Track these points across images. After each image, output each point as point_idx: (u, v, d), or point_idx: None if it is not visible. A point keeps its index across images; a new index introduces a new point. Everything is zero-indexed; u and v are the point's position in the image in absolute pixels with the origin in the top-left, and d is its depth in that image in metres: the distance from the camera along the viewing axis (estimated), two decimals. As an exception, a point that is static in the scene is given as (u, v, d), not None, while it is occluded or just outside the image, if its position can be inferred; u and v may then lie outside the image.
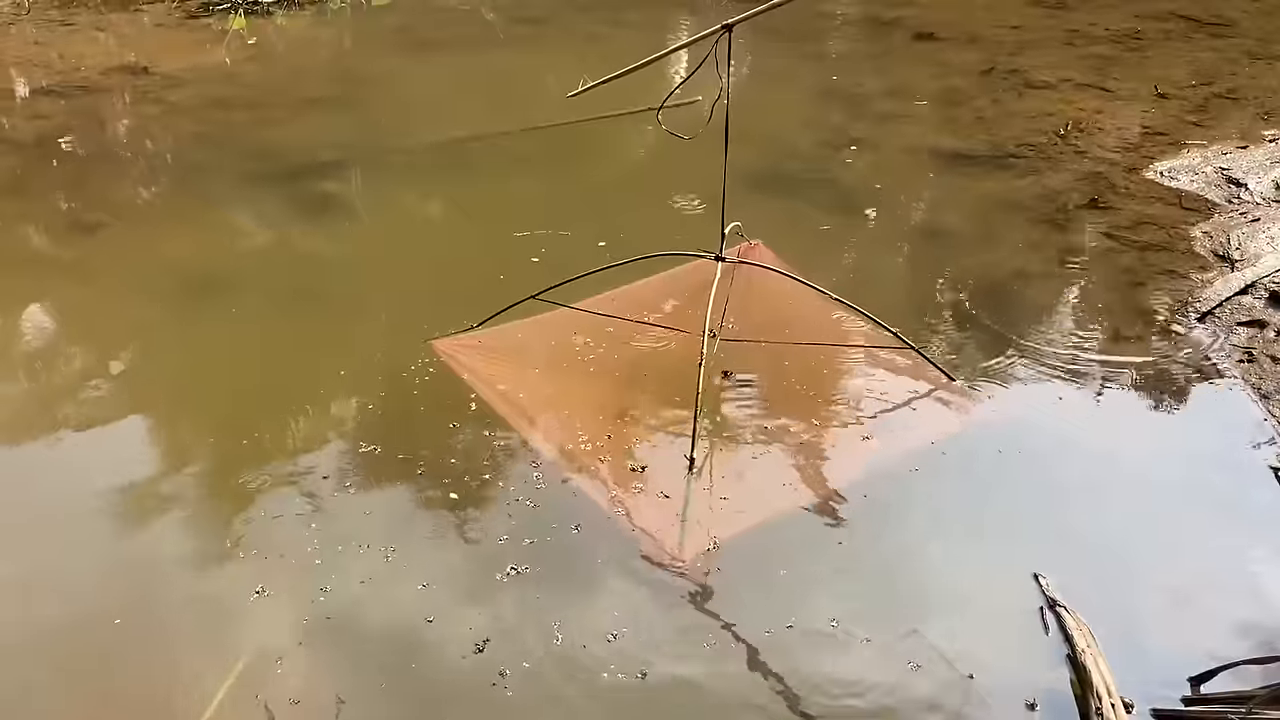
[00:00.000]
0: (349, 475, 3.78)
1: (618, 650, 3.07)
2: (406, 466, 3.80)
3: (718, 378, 4.23)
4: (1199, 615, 3.23)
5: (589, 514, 3.57)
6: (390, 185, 6.35)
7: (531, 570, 3.34)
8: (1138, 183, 6.10)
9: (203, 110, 7.39)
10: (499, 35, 9.53)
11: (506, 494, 3.67)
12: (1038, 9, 9.83)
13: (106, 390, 4.35)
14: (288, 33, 9.50)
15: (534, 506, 3.61)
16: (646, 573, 3.34)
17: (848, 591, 3.29)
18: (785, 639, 3.11)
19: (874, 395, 4.17)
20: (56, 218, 5.86)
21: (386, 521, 3.57)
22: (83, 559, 3.46)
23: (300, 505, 3.63)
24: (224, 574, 3.37)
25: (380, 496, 3.70)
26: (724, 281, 4.19)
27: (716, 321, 4.31)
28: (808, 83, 7.99)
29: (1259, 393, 4.21)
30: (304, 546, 3.44)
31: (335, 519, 3.58)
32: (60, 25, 9.41)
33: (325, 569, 3.35)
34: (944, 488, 3.73)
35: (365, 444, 3.93)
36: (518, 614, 3.19)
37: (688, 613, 3.21)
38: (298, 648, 3.08)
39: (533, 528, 3.51)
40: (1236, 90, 7.57)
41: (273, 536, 3.50)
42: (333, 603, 3.23)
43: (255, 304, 4.93)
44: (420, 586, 3.29)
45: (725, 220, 4.15)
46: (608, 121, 6.98)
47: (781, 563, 3.37)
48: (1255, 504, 3.67)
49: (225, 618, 3.20)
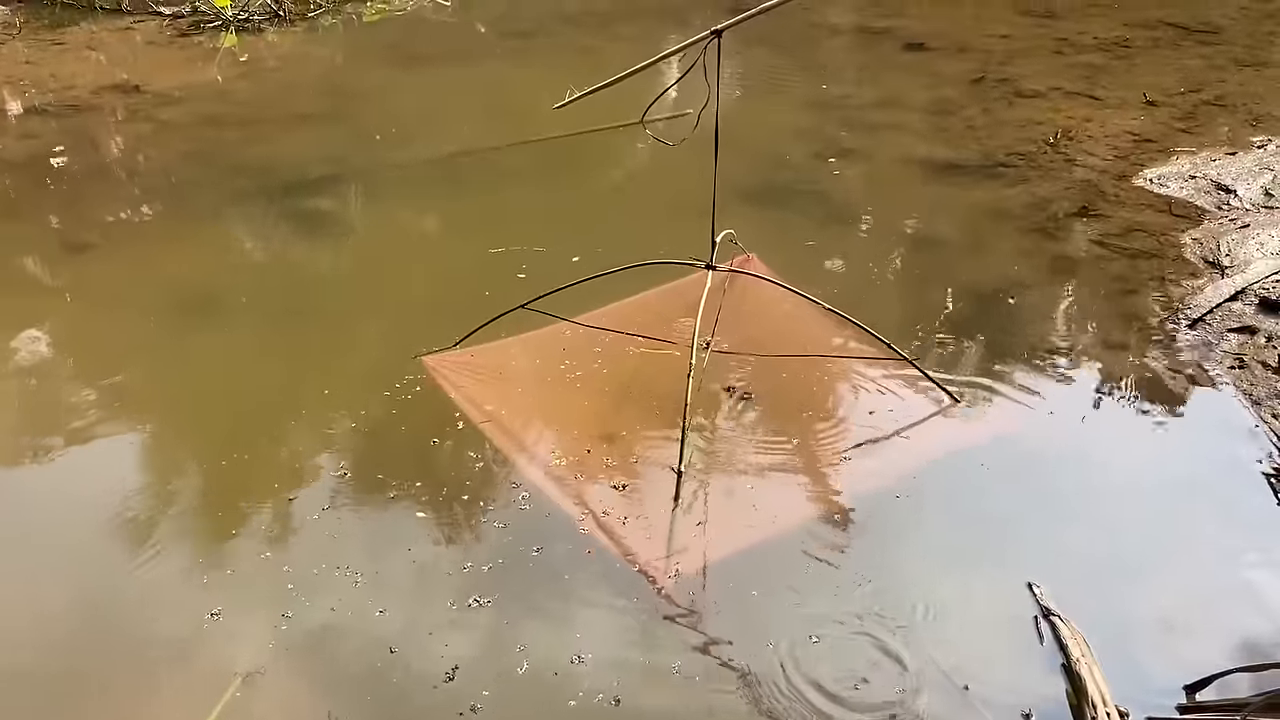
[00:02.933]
0: (327, 497, 3.74)
1: (592, 677, 3.02)
2: (385, 488, 3.77)
3: (721, 395, 4.21)
4: (1193, 623, 3.23)
5: (567, 536, 3.52)
6: (382, 201, 6.35)
7: (504, 595, 3.28)
8: (1128, 190, 6.12)
9: (195, 128, 7.40)
10: (490, 49, 9.56)
11: (485, 516, 3.63)
12: (1027, 18, 9.88)
13: (92, 411, 4.33)
14: (279, 49, 9.52)
15: (512, 529, 3.56)
16: (624, 598, 3.29)
17: (841, 605, 3.28)
18: (773, 657, 3.08)
19: (869, 410, 4.15)
20: (48, 237, 5.85)
21: (361, 545, 3.52)
22: (52, 582, 3.44)
23: (274, 528, 3.60)
24: (183, 598, 3.31)
25: (356, 519, 3.66)
26: (717, 294, 4.19)
27: (708, 332, 4.31)
28: (798, 93, 8.02)
29: (1251, 399, 4.22)
30: (273, 570, 3.41)
31: (308, 542, 3.54)
32: (52, 44, 9.42)
33: (294, 594, 3.30)
34: (937, 497, 3.73)
35: (347, 464, 3.91)
36: (490, 640, 3.13)
37: (668, 637, 3.17)
38: (259, 677, 3.02)
39: (509, 551, 3.47)
40: (1224, 97, 7.61)
41: (241, 559, 3.47)
42: (297, 629, 3.17)
43: (245, 322, 4.93)
44: (389, 613, 3.23)
45: (716, 229, 4.15)
46: (599, 135, 6.99)
47: (770, 580, 3.35)
48: (1249, 511, 3.67)
49: (181, 644, 3.14)
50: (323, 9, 10.42)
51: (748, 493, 3.75)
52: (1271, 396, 4.20)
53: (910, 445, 3.98)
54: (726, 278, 4.63)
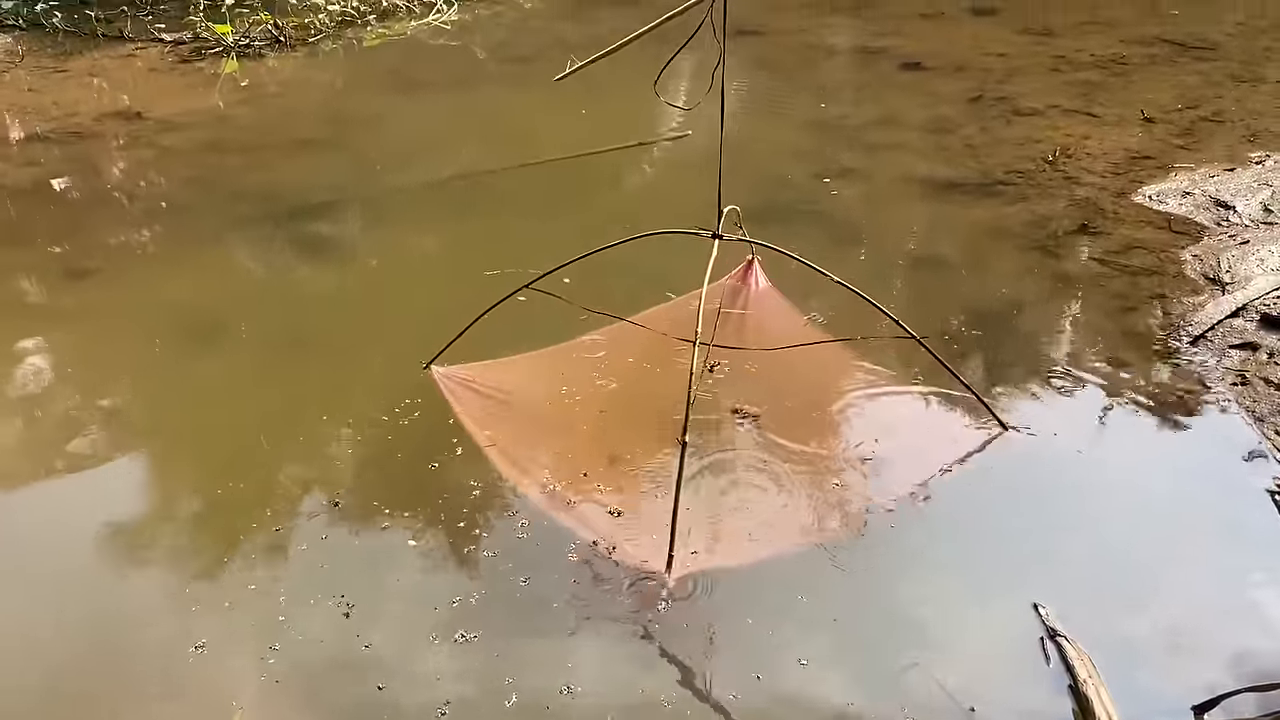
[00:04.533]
0: (322, 525, 3.74)
1: (582, 709, 2.99)
2: (381, 516, 3.76)
3: (730, 418, 4.20)
4: (1200, 643, 3.21)
5: (558, 565, 3.49)
6: (382, 226, 6.38)
7: (494, 626, 3.25)
8: (1127, 207, 6.13)
9: (196, 154, 7.44)
10: (490, 74, 9.60)
11: (479, 545, 3.61)
12: (1024, 36, 9.93)
13: (89, 438, 4.34)
14: (280, 75, 9.57)
15: (505, 558, 3.54)
16: (615, 627, 3.27)
17: (846, 626, 3.28)
18: (768, 686, 3.07)
19: (873, 434, 4.12)
20: (50, 263, 5.87)
21: (354, 574, 3.50)
22: (43, 608, 3.45)
23: (267, 556, 3.60)
24: (171, 627, 3.29)
25: (350, 548, 3.64)
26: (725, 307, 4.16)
27: (711, 320, 4.24)
28: (798, 114, 8.05)
29: (1253, 416, 4.21)
30: (264, 599, 3.39)
31: (301, 571, 3.53)
32: (54, 72, 9.49)
33: (283, 625, 3.28)
34: (940, 518, 3.72)
35: (344, 492, 3.90)
36: (479, 674, 3.10)
37: (660, 667, 3.14)
38: (244, 711, 2.99)
39: (500, 580, 3.44)
40: (1222, 113, 7.63)
41: (231, 588, 3.46)
42: (284, 662, 3.15)
43: (245, 348, 4.96)
44: (379, 645, 3.20)
45: (721, 202, 4.10)
46: (599, 157, 7.02)
47: (768, 606, 3.33)
48: (1253, 528, 3.66)
49: (165, 675, 3.12)
50: (323, 34, 10.48)
51: (745, 517, 3.73)
52: (1274, 413, 4.19)
53: (914, 466, 3.97)
54: (730, 290, 4.62)
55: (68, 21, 10.48)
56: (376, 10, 11.21)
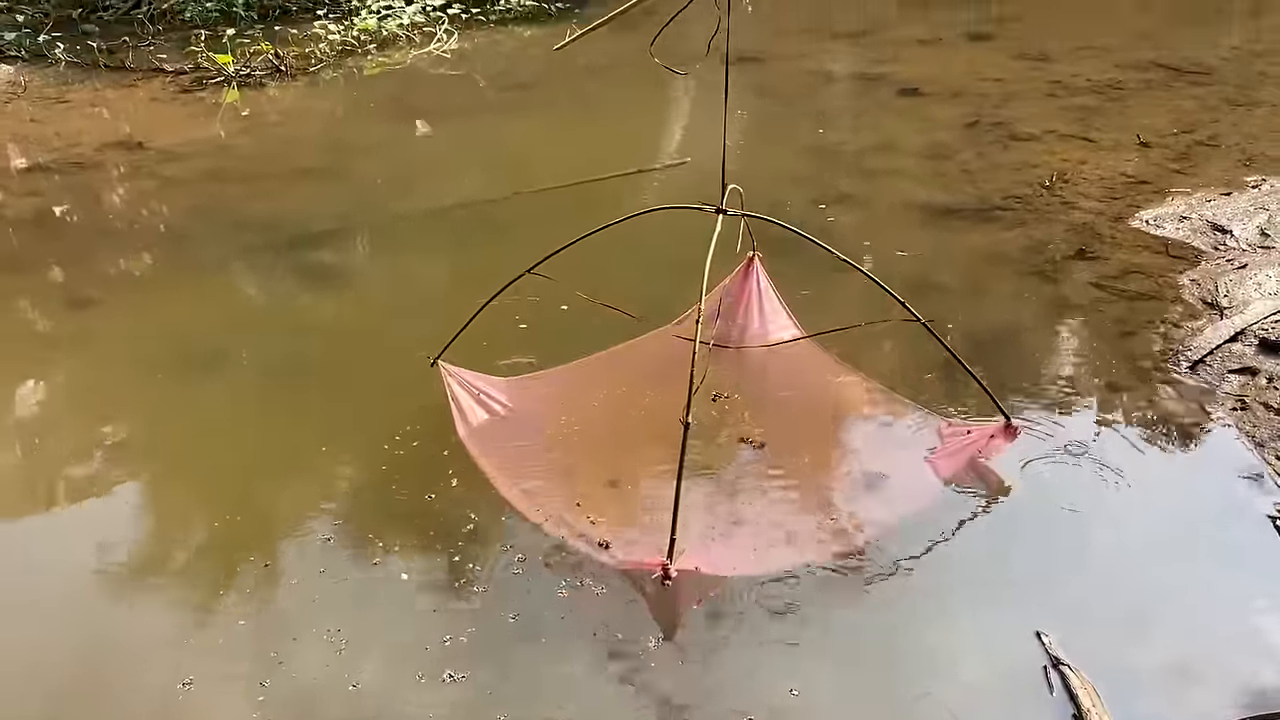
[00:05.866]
0: (318, 559, 3.71)
1: None
2: (376, 550, 3.74)
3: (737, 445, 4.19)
4: (1204, 671, 3.19)
5: (550, 601, 3.46)
6: (383, 254, 6.41)
7: (485, 663, 3.23)
8: (1124, 232, 6.15)
9: (197, 183, 7.48)
10: (490, 102, 9.66)
11: (474, 579, 3.58)
12: (1020, 62, 9.99)
13: (87, 470, 4.36)
14: (281, 104, 9.63)
15: (497, 594, 3.51)
16: (604, 663, 3.24)
17: (847, 657, 3.27)
18: (773, 713, 3.05)
19: (877, 463, 4.12)
20: (51, 292, 5.89)
21: (348, 610, 3.47)
22: (36, 640, 3.45)
23: (262, 591, 3.58)
24: (161, 662, 3.28)
25: (345, 582, 3.61)
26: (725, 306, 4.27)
27: (712, 311, 4.27)
28: (796, 139, 8.09)
29: (1254, 441, 4.21)
30: (257, 634, 3.38)
31: (296, 606, 3.51)
32: (57, 102, 9.55)
33: (275, 661, 3.26)
34: (940, 545, 3.71)
35: (341, 525, 3.89)
36: (471, 711, 3.07)
37: (648, 705, 3.11)
38: None
39: (491, 617, 3.41)
40: (1218, 137, 7.67)
41: (224, 623, 3.44)
42: (274, 702, 3.12)
43: (245, 378, 4.97)
44: (369, 683, 3.17)
45: (725, 180, 4.10)
46: (598, 185, 7.05)
47: (763, 638, 3.31)
48: (1255, 555, 3.65)
49: (151, 713, 3.10)
50: (324, 63, 10.56)
51: (748, 533, 3.73)
52: (1275, 438, 4.19)
53: (914, 494, 3.97)
54: (730, 290, 4.63)
55: (70, 52, 10.55)
56: (377, 39, 11.29)
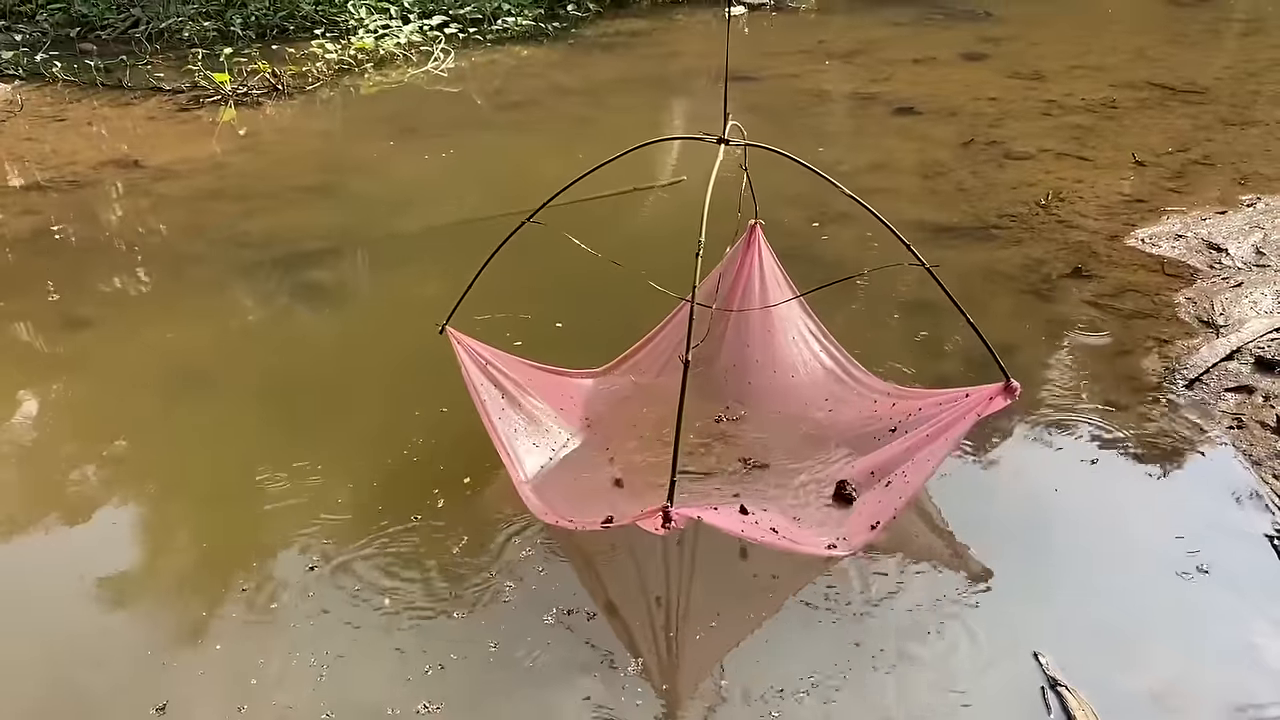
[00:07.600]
0: (304, 584, 3.69)
1: None
2: (361, 575, 3.72)
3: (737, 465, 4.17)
4: (1201, 690, 3.19)
5: (534, 628, 3.45)
6: (378, 272, 6.41)
7: (463, 694, 3.21)
8: (1120, 250, 6.16)
9: (194, 202, 7.47)
10: (487, 120, 9.68)
11: (456, 606, 3.57)
12: (1015, 81, 10.03)
13: (80, 490, 4.36)
14: (277, 123, 9.64)
15: (481, 619, 3.50)
16: (588, 692, 3.22)
17: (838, 681, 3.25)
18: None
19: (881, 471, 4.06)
20: (47, 311, 5.87)
21: (331, 635, 3.45)
22: (16, 660, 3.44)
23: (246, 615, 3.56)
24: (140, 684, 3.27)
25: (329, 608, 3.58)
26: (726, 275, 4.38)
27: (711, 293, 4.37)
28: (791, 159, 8.09)
29: (1250, 459, 4.20)
30: (238, 659, 3.36)
31: (278, 632, 3.48)
32: (53, 121, 9.54)
33: (254, 686, 3.25)
34: (936, 565, 3.70)
35: (333, 546, 3.87)
36: None
37: None
38: None
39: (473, 645, 3.39)
40: (1212, 156, 7.70)
41: (204, 648, 3.42)
42: None
43: (241, 397, 4.97)
44: (348, 713, 3.16)
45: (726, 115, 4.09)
46: (597, 203, 7.05)
47: (755, 660, 3.31)
48: (1253, 574, 3.65)
49: None
50: (321, 82, 10.57)
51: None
52: (1271, 457, 4.19)
53: (912, 512, 3.96)
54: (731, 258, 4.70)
55: (67, 70, 10.56)
56: (374, 59, 11.32)
